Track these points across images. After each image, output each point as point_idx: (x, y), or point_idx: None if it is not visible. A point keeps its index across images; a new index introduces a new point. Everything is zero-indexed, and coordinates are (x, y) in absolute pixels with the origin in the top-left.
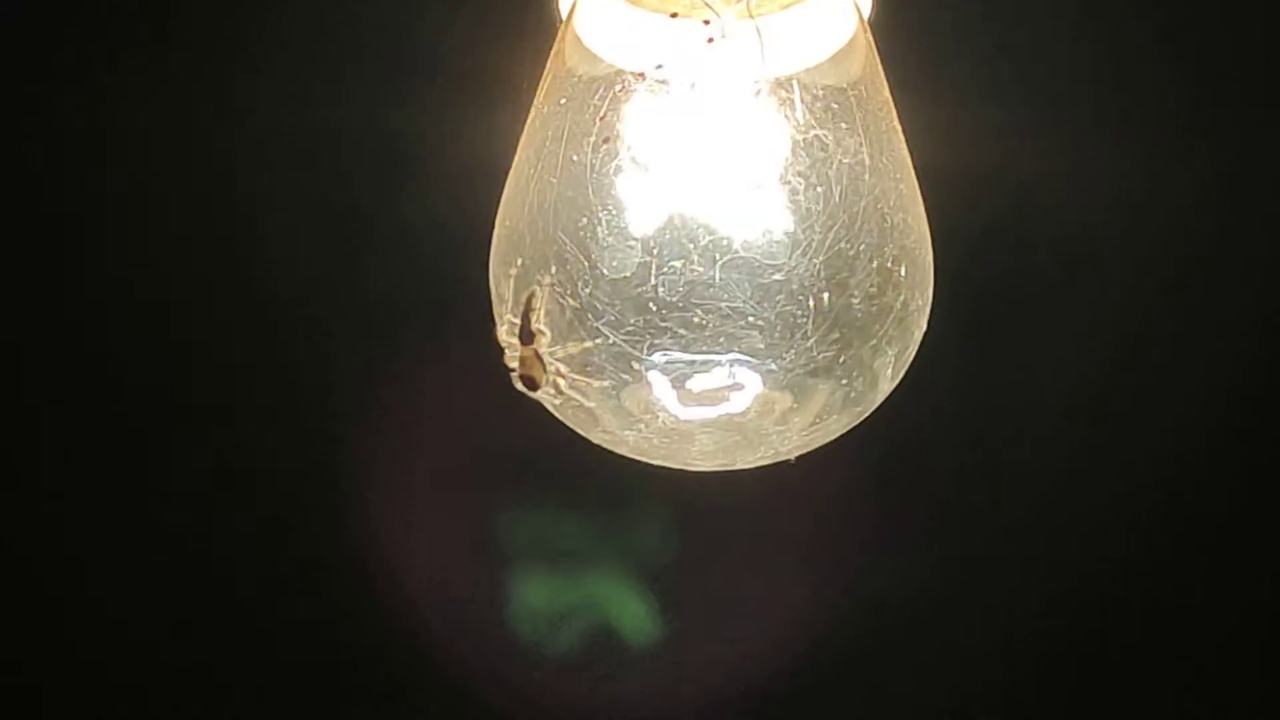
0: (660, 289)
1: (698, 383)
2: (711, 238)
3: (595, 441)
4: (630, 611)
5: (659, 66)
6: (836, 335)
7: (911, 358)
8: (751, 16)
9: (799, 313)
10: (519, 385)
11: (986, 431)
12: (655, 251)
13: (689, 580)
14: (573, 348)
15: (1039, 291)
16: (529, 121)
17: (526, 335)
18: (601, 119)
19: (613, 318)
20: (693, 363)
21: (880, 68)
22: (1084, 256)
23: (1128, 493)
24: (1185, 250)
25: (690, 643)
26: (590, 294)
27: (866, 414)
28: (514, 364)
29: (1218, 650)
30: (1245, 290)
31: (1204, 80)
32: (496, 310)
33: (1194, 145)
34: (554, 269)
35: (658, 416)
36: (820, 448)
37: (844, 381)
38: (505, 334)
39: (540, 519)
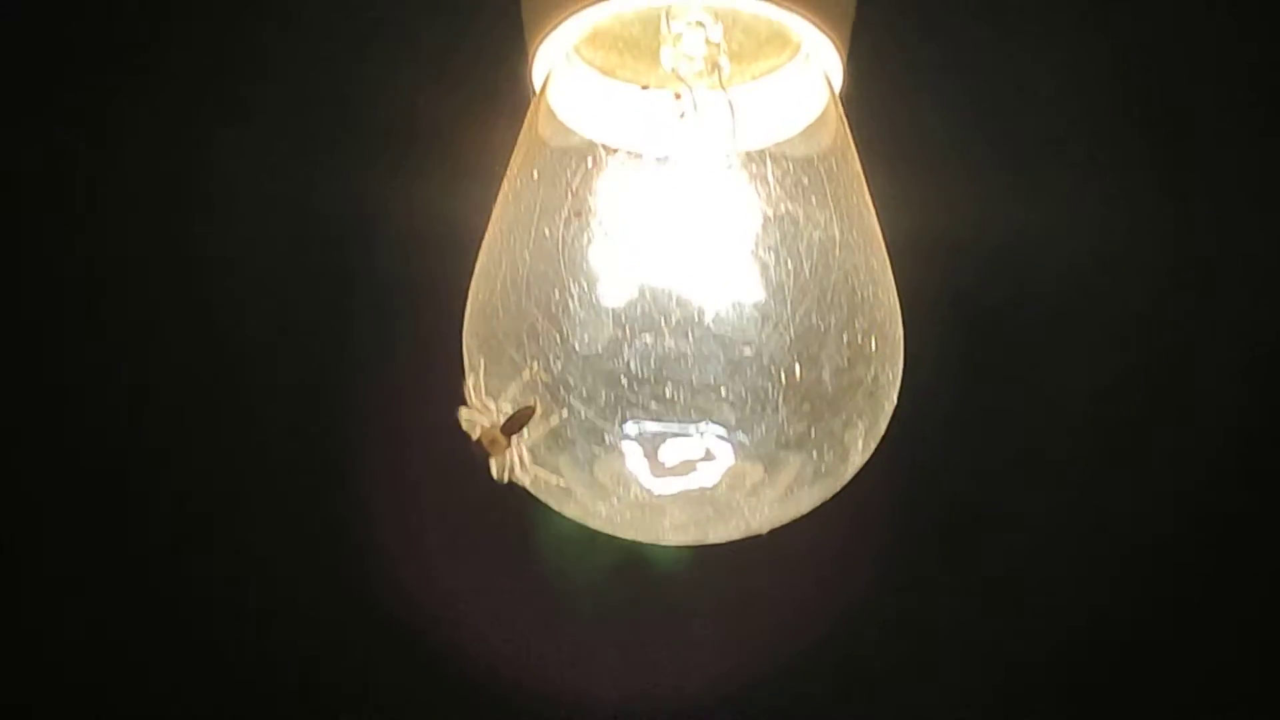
0: (632, 363)
1: (670, 455)
2: (683, 311)
3: (568, 515)
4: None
5: (631, 141)
6: (807, 409)
7: (883, 431)
8: (723, 89)
9: (770, 386)
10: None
11: (961, 500)
12: (627, 325)
13: (690, 602)
14: (535, 432)
15: (1014, 356)
16: (502, 193)
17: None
18: (573, 193)
19: (584, 391)
20: (664, 435)
21: (851, 140)
22: (1057, 323)
23: (1105, 558)
24: (1160, 314)
25: (688, 664)
26: (562, 368)
27: (838, 487)
28: (472, 431)
29: (1219, 677)
30: (1220, 354)
31: (1177, 144)
32: (467, 383)
33: (1167, 210)
34: (526, 342)
35: (630, 490)
36: (799, 526)
37: (815, 455)
38: (474, 399)
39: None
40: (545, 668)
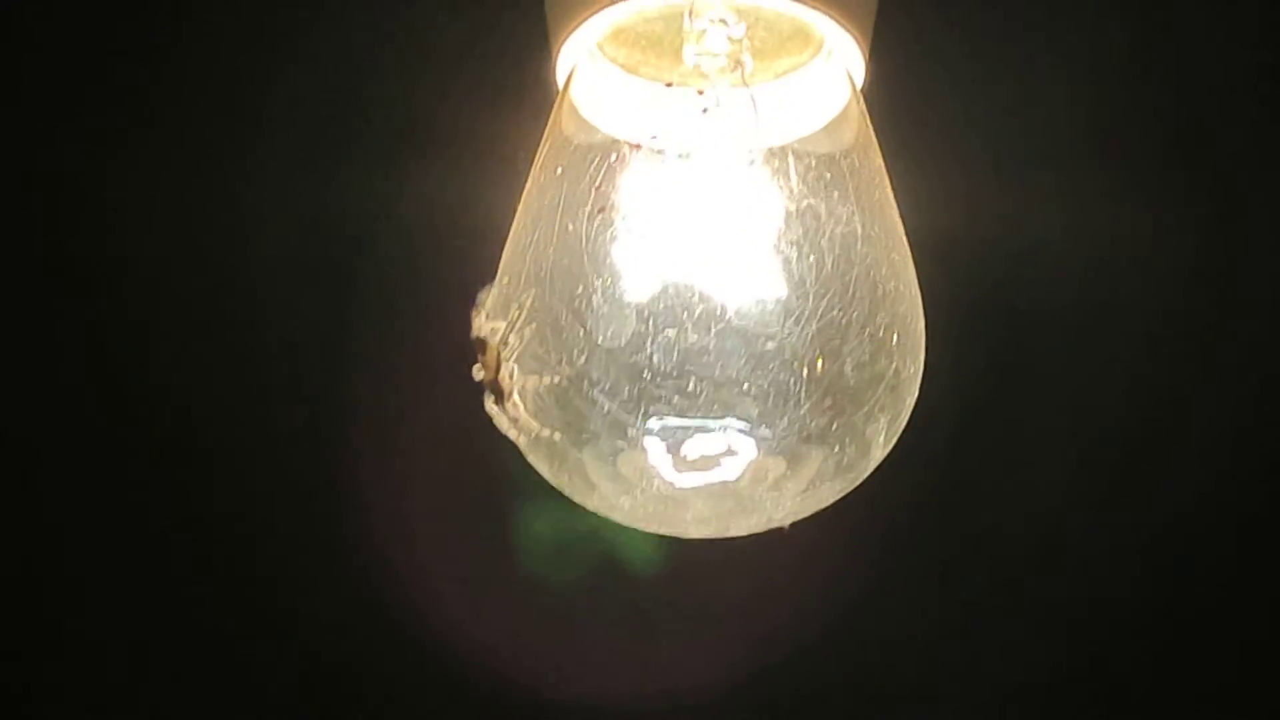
0: (655, 357)
1: (692, 449)
2: (705, 306)
3: (591, 509)
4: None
5: (654, 137)
6: (829, 403)
7: (904, 425)
8: (745, 85)
9: (792, 380)
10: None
11: (979, 500)
12: (650, 320)
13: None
14: (533, 382)
15: (1035, 355)
16: (526, 190)
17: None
18: (597, 189)
19: (608, 386)
20: (687, 429)
21: (873, 136)
22: (1079, 322)
23: (1126, 562)
24: (1184, 316)
25: (683, 664)
26: (585, 362)
27: (859, 480)
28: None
29: (1224, 697)
30: (1245, 358)
31: (1204, 145)
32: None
33: (1193, 211)
34: (550, 337)
35: (653, 483)
36: (810, 516)
37: (836, 449)
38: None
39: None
40: (540, 665)
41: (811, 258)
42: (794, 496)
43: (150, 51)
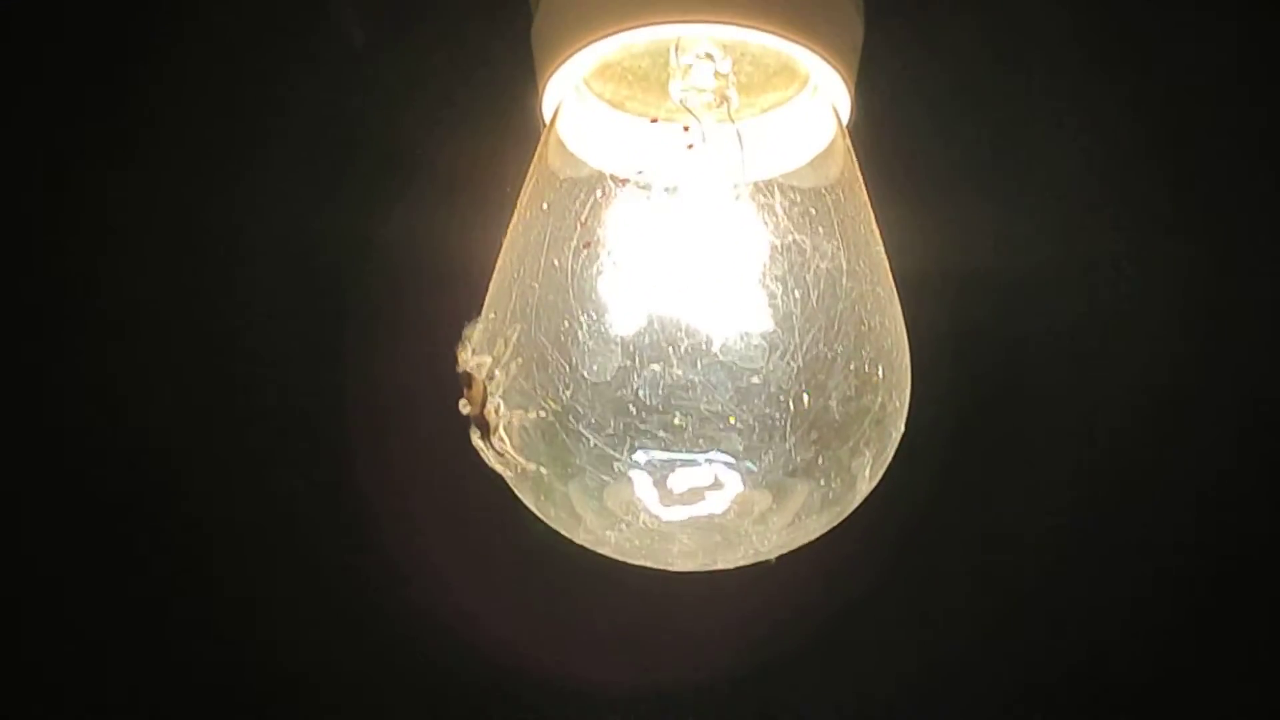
0: (641, 392)
1: (678, 482)
2: (691, 341)
3: (578, 542)
4: None
5: (640, 172)
6: (815, 436)
7: (890, 458)
8: (731, 121)
9: (778, 415)
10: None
11: (969, 535)
12: (635, 355)
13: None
14: (519, 417)
15: (1021, 389)
16: (512, 225)
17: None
18: (583, 224)
19: (594, 420)
20: (673, 463)
21: (858, 171)
22: (1066, 356)
23: (1117, 593)
24: (1171, 351)
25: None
26: (571, 397)
27: (845, 514)
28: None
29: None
30: (1234, 393)
31: (1192, 180)
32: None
33: (1180, 246)
34: (535, 372)
35: (639, 516)
36: (803, 546)
37: (822, 482)
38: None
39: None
40: (542, 661)
41: (797, 293)
42: (780, 530)
43: (141, 85)
